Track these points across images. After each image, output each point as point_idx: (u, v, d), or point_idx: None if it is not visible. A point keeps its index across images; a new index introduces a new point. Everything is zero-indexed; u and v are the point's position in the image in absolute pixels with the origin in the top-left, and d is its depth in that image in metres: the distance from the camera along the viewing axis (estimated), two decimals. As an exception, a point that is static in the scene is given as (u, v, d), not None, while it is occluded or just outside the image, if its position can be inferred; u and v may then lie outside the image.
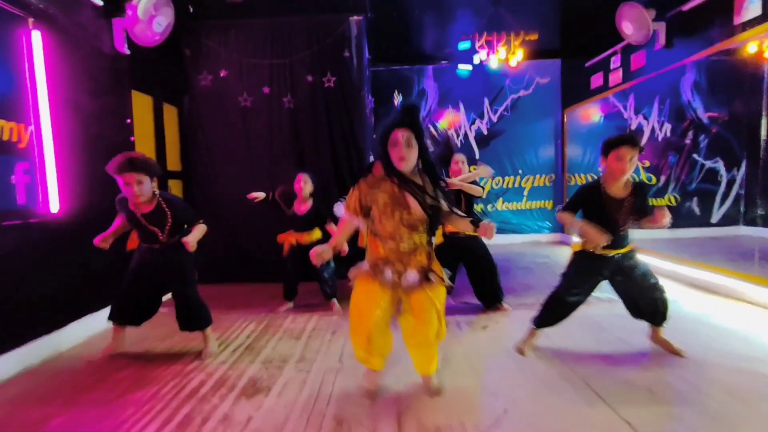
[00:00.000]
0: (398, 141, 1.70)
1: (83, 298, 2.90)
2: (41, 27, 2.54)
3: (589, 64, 5.68)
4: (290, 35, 4.45)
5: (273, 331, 2.94)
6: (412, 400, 1.93)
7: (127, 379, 2.25)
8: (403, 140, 1.69)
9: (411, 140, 1.71)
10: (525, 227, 6.72)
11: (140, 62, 3.65)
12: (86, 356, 2.58)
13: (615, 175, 2.14)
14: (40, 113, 2.50)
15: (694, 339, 2.51)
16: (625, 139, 2.11)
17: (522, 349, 2.42)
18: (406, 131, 1.70)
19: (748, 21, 3.25)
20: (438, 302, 1.82)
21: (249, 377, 2.22)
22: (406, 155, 1.70)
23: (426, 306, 1.80)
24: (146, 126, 3.89)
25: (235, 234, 4.48)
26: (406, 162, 1.72)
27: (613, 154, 2.11)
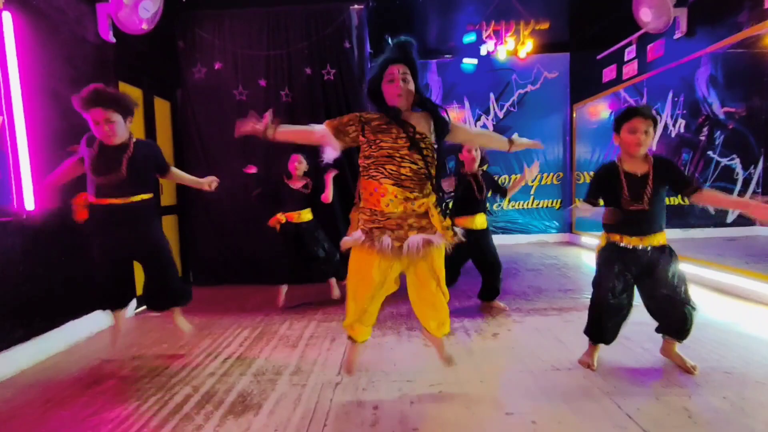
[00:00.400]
0: (395, 76, 1.62)
1: (62, 303, 2.70)
2: (11, 7, 2.33)
3: (600, 57, 5.44)
4: (288, 25, 4.24)
5: (267, 339, 2.73)
6: (418, 419, 1.72)
7: (106, 392, 2.05)
8: (399, 75, 1.63)
9: (407, 75, 1.64)
10: (532, 227, 6.50)
11: (129, 53, 3.45)
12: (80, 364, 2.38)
13: (630, 149, 1.96)
14: (13, 102, 2.29)
15: (725, 350, 2.28)
16: (637, 110, 1.94)
17: (588, 363, 2.13)
18: (402, 66, 1.64)
19: (780, 4, 3.01)
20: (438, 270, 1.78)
21: (238, 392, 2.01)
22: (404, 90, 1.63)
23: (426, 276, 1.77)
24: (136, 120, 3.65)
25: (230, 234, 4.28)
26: (404, 98, 1.65)
27: (626, 127, 1.95)
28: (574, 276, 4.28)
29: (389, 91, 1.65)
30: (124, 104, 2.06)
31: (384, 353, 2.41)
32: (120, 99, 2.05)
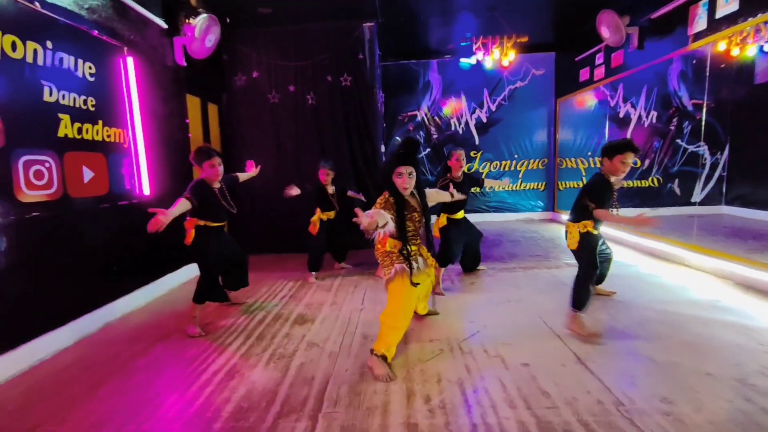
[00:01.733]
0: (403, 174, 2.15)
1: (168, 258, 3.80)
2: (133, 53, 3.32)
3: (578, 59, 6.28)
4: (311, 40, 5.15)
5: (308, 287, 3.80)
6: (415, 325, 2.77)
7: (211, 314, 3.14)
8: (406, 173, 2.15)
9: (413, 174, 2.18)
10: (520, 206, 7.46)
11: (192, 70, 4.41)
12: (183, 300, 3.48)
13: (617, 174, 2.47)
14: (135, 120, 3.31)
15: (631, 291, 3.30)
16: (632, 146, 2.42)
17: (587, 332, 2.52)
18: (410, 167, 2.17)
19: (698, 32, 3.87)
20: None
21: (297, 313, 3.09)
22: (409, 185, 2.18)
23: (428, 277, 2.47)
24: (196, 123, 4.68)
25: (267, 213, 5.32)
26: (409, 190, 2.20)
27: (620, 158, 2.43)
28: (546, 246, 5.28)
29: (399, 182, 2.17)
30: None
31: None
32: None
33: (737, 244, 4.50)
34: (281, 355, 2.42)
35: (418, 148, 2.23)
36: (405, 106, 7.28)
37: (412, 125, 7.31)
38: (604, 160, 2.51)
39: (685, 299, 3.08)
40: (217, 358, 2.41)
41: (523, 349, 2.37)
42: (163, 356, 2.47)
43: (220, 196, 2.89)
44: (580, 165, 7.19)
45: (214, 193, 2.84)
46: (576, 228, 2.59)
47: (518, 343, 2.45)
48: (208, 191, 2.81)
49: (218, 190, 2.88)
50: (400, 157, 2.18)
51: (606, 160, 2.49)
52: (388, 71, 6.89)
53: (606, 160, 2.49)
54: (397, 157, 2.19)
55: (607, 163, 2.50)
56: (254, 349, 2.51)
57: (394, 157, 2.21)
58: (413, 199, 2.28)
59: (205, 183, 2.81)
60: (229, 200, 2.96)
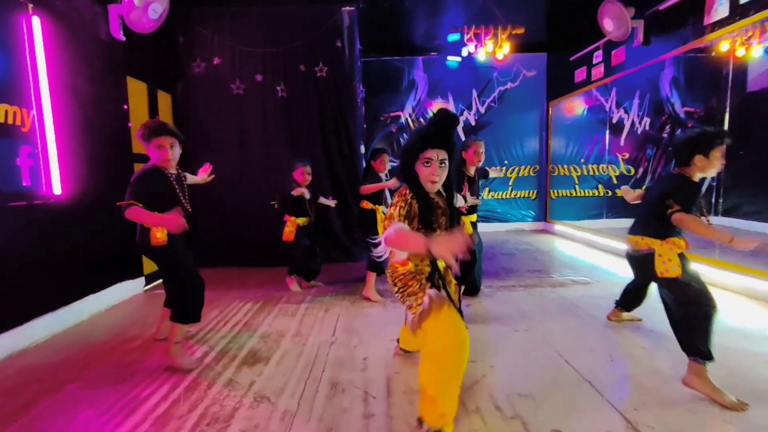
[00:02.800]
0: (433, 161, 1.53)
1: (86, 277, 3.01)
2: (40, 12, 2.60)
3: (573, 58, 5.88)
4: (283, 24, 4.52)
5: (269, 310, 3.10)
6: (400, 366, 2.12)
7: (135, 350, 2.40)
8: (437, 161, 1.53)
9: (445, 161, 1.55)
10: (510, 216, 6.97)
11: (135, 49, 3.70)
12: (105, 330, 2.71)
13: (712, 171, 1.95)
14: (42, 98, 2.57)
15: (659, 317, 2.75)
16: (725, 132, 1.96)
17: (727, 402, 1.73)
18: (443, 151, 1.53)
19: (717, 21, 3.46)
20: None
21: (249, 349, 2.39)
22: (439, 177, 1.55)
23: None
24: (141, 112, 3.95)
25: (229, 219, 4.59)
26: (438, 183, 1.57)
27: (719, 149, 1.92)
28: (543, 259, 4.75)
29: (424, 174, 1.54)
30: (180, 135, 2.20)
31: (372, 320, 2.81)
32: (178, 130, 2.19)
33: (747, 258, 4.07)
34: (214, 417, 1.71)
35: (455, 125, 1.54)
36: (388, 106, 6.71)
37: (395, 126, 6.73)
38: (696, 159, 1.92)
39: (724, 327, 2.55)
40: (122, 422, 1.68)
41: (549, 405, 1.75)
42: (40, 422, 1.72)
43: (177, 187, 2.18)
44: (573, 172, 6.78)
45: (169, 182, 2.15)
46: (668, 248, 1.94)
47: (540, 395, 1.83)
48: (161, 180, 2.12)
49: (174, 178, 2.18)
50: (430, 137, 1.51)
51: (701, 158, 1.91)
52: (369, 68, 6.31)
53: (701, 158, 1.91)
54: (425, 136, 1.52)
55: (701, 162, 1.92)
56: (177, 407, 1.79)
57: (421, 136, 1.53)
58: (440, 197, 1.64)
59: (157, 170, 2.12)
60: (186, 195, 2.24)
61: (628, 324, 2.63)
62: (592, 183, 6.80)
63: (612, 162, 6.73)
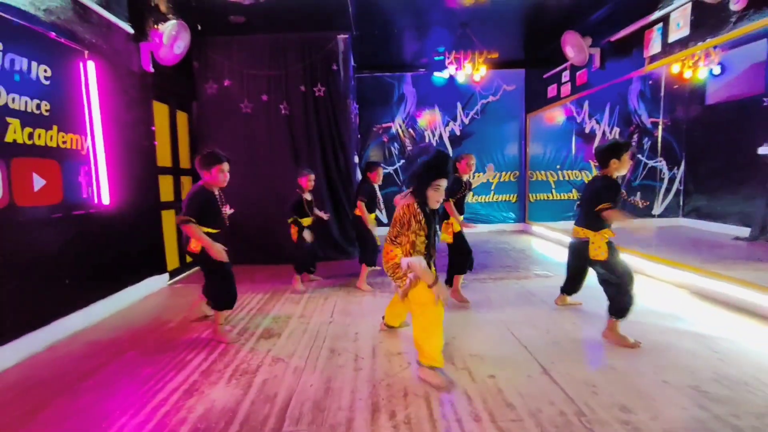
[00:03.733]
0: (440, 188, 2.08)
1: (128, 271, 3.62)
2: (93, 56, 3.20)
3: (546, 76, 6.53)
4: (285, 50, 5.13)
5: (277, 299, 3.71)
6: (383, 337, 2.74)
7: (173, 330, 3.00)
8: (442, 187, 2.09)
9: (442, 186, 2.11)
10: (492, 218, 7.60)
11: (159, 75, 4.29)
12: (143, 315, 3.32)
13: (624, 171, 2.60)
14: (94, 126, 3.17)
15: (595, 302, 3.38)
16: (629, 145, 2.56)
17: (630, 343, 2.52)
18: (444, 180, 2.09)
19: (654, 54, 4.10)
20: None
21: (264, 327, 3.00)
22: (440, 199, 2.13)
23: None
24: (163, 130, 4.54)
25: (239, 223, 5.16)
26: (439, 204, 2.15)
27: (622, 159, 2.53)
28: (516, 256, 5.38)
29: (433, 197, 2.09)
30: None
31: (363, 306, 3.43)
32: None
33: (693, 255, 4.72)
34: (244, 371, 2.33)
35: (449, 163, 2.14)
36: (380, 118, 7.33)
37: (386, 137, 7.36)
38: (611, 162, 2.55)
39: (644, 308, 3.18)
40: (176, 375, 2.29)
41: (491, 361, 2.38)
42: (115, 375, 2.33)
43: (220, 203, 2.74)
44: (550, 178, 7.42)
45: (215, 199, 2.70)
46: (599, 237, 2.59)
47: (486, 355, 2.46)
48: (210, 197, 2.66)
49: (218, 196, 2.75)
50: (440, 170, 2.06)
51: (615, 161, 2.54)
52: (363, 83, 6.94)
53: (615, 161, 2.54)
54: (437, 169, 2.07)
55: (615, 164, 2.55)
56: (216, 365, 2.41)
57: (434, 169, 2.07)
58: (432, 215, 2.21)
59: (205, 189, 2.65)
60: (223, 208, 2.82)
61: (570, 307, 3.26)
62: (567, 187, 7.45)
63: (585, 168, 7.38)
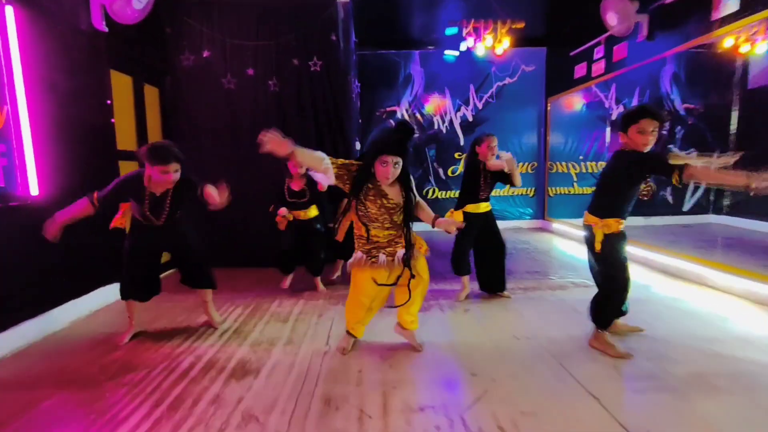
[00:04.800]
0: (388, 163, 1.94)
1: (66, 281, 2.88)
2: (14, 2, 2.42)
3: (573, 54, 5.76)
4: (276, 16, 4.35)
5: (260, 315, 2.98)
6: (397, 381, 2.02)
7: (117, 362, 2.27)
8: (391, 163, 1.94)
9: (399, 164, 1.97)
10: (507, 213, 6.88)
11: (119, 40, 3.53)
12: (84, 339, 2.58)
13: (639, 148, 2.04)
14: (16, 93, 2.41)
15: (659, 321, 2.67)
16: (645, 110, 2.02)
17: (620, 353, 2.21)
18: (396, 157, 1.94)
19: (726, 16, 3.35)
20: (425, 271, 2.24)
21: (238, 359, 2.27)
22: (392, 175, 1.98)
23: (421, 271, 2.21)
24: (126, 107, 3.78)
25: (219, 218, 4.41)
26: (391, 180, 2.00)
27: (634, 128, 2.03)
28: (542, 259, 4.67)
29: (381, 171, 1.97)
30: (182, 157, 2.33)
31: (367, 328, 2.70)
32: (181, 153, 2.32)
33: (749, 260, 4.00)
34: (199, 439, 1.61)
35: (411, 136, 1.98)
36: (383, 101, 6.56)
37: (391, 122, 6.59)
38: (621, 136, 2.13)
39: (731, 335, 2.48)
40: (100, 445, 1.57)
41: (552, 421, 1.66)
42: (11, 445, 1.61)
43: (148, 206, 2.34)
44: (572, 170, 6.70)
45: (143, 199, 2.32)
46: (600, 225, 2.18)
47: (543, 411, 1.74)
48: (138, 193, 2.32)
49: (151, 197, 2.34)
50: (388, 145, 1.93)
51: (622, 135, 2.12)
52: (365, 61, 6.16)
53: (622, 135, 2.12)
54: (383, 143, 1.94)
55: (624, 139, 2.12)
56: (161, 427, 1.68)
57: (381, 143, 1.95)
58: (392, 188, 2.06)
59: (140, 182, 2.30)
60: (161, 212, 2.38)
61: (631, 334, 2.54)
62: (590, 180, 6.72)
63: (611, 159, 6.65)
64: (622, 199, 2.15)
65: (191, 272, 2.67)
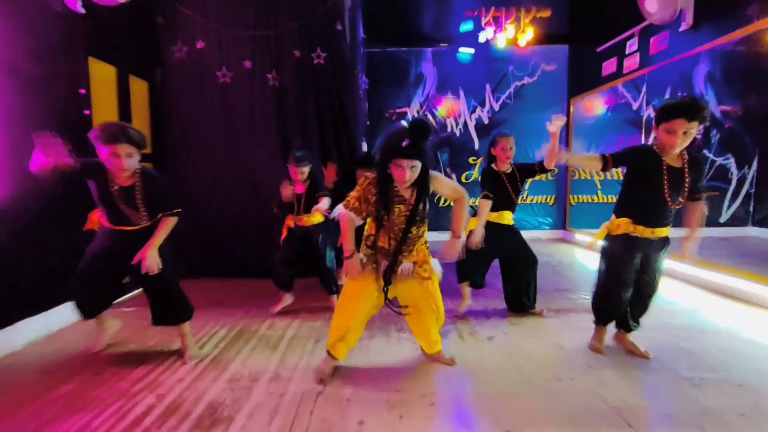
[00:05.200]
0: (404, 166, 1.75)
1: (20, 299, 2.46)
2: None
3: (600, 49, 5.29)
4: (276, 4, 3.97)
5: (246, 339, 2.53)
6: None
7: (60, 401, 1.83)
8: (407, 168, 1.75)
9: (416, 167, 1.77)
10: (525, 223, 6.37)
11: (102, 26, 3.18)
12: (36, 365, 2.15)
13: (665, 148, 1.91)
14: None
15: (735, 360, 2.16)
16: (679, 109, 1.80)
17: (598, 348, 2.25)
18: (414, 161, 1.74)
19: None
20: (434, 293, 2.03)
21: (208, 402, 1.81)
22: (409, 178, 1.78)
23: (423, 297, 2.01)
24: (108, 100, 3.40)
25: (211, 224, 4.04)
26: (407, 183, 1.80)
27: (663, 127, 1.86)
28: (569, 275, 4.16)
29: (397, 175, 1.78)
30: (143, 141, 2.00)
31: (371, 358, 2.23)
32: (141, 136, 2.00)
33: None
34: None
35: (427, 135, 1.76)
36: (393, 101, 6.14)
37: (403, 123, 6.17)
38: (654, 129, 1.96)
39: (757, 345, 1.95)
40: None
41: None
42: None
43: (117, 197, 2.00)
44: (596, 177, 6.18)
45: (107, 186, 1.99)
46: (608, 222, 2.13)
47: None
48: (101, 176, 1.98)
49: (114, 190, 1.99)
50: (400, 149, 1.73)
51: (654, 128, 1.94)
52: (373, 59, 5.76)
53: (654, 128, 1.94)
54: (395, 148, 1.74)
55: (655, 132, 1.95)
56: None
57: (394, 147, 1.75)
58: (408, 190, 1.87)
59: (102, 167, 1.97)
60: (136, 206, 2.05)
61: (699, 365, 2.04)
62: (616, 188, 6.15)
63: (639, 165, 6.13)
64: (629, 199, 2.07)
65: (162, 307, 2.22)
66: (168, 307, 2.21)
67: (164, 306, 2.20)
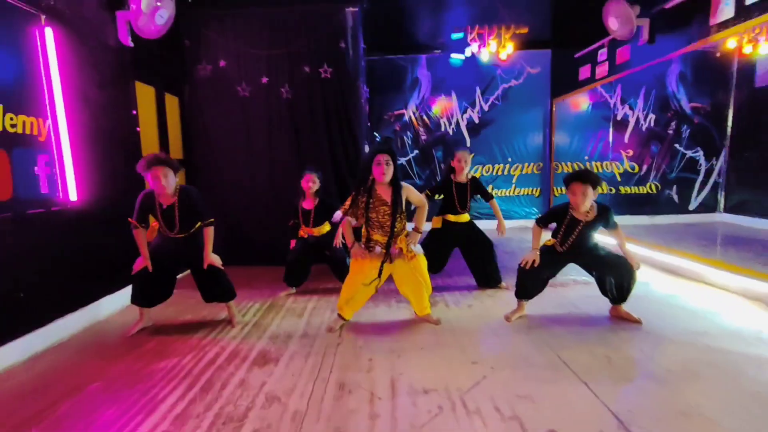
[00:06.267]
0: (381, 162, 2.46)
1: (101, 279, 3.12)
2: (52, 23, 2.67)
3: (578, 56, 5.87)
4: (287, 25, 4.55)
5: (276, 311, 3.19)
6: (404, 367, 2.21)
7: (150, 352, 2.50)
8: (384, 162, 2.46)
9: (390, 161, 2.48)
10: (513, 213, 7.01)
11: (142, 53, 3.77)
12: (120, 331, 2.83)
13: (572, 205, 2.61)
14: (56, 107, 2.65)
15: (654, 317, 2.81)
16: (575, 176, 2.52)
17: (509, 317, 2.85)
18: (386, 155, 2.47)
19: (723, 22, 3.46)
20: (420, 269, 2.70)
21: (259, 350, 2.48)
22: (387, 171, 2.47)
23: (411, 272, 2.68)
24: (149, 116, 4.02)
25: (235, 219, 4.68)
26: (386, 176, 2.48)
27: (568, 190, 2.58)
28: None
29: (377, 171, 2.48)
30: (174, 163, 2.59)
31: (377, 319, 2.91)
32: (171, 159, 2.59)
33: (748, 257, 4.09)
34: (229, 417, 1.81)
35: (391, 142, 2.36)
36: (391, 105, 6.74)
37: (398, 125, 6.77)
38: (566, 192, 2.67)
39: (722, 329, 2.61)
40: (144, 420, 1.79)
41: (546, 405, 1.83)
42: (66, 421, 1.83)
43: (161, 215, 2.62)
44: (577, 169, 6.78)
45: (154, 209, 2.61)
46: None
47: (538, 395, 1.91)
48: (152, 206, 2.61)
49: (162, 208, 2.60)
50: (379, 145, 2.55)
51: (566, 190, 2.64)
52: (373, 67, 6.34)
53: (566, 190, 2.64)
54: (374, 148, 2.52)
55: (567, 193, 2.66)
56: (194, 406, 1.90)
57: (373, 149, 2.53)
58: (386, 191, 2.54)
59: (151, 196, 2.61)
60: (172, 223, 2.63)
61: (626, 325, 2.69)
62: (595, 180, 6.79)
63: (616, 159, 6.73)
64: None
65: (211, 288, 2.83)
66: (220, 288, 2.85)
67: (217, 288, 2.84)
